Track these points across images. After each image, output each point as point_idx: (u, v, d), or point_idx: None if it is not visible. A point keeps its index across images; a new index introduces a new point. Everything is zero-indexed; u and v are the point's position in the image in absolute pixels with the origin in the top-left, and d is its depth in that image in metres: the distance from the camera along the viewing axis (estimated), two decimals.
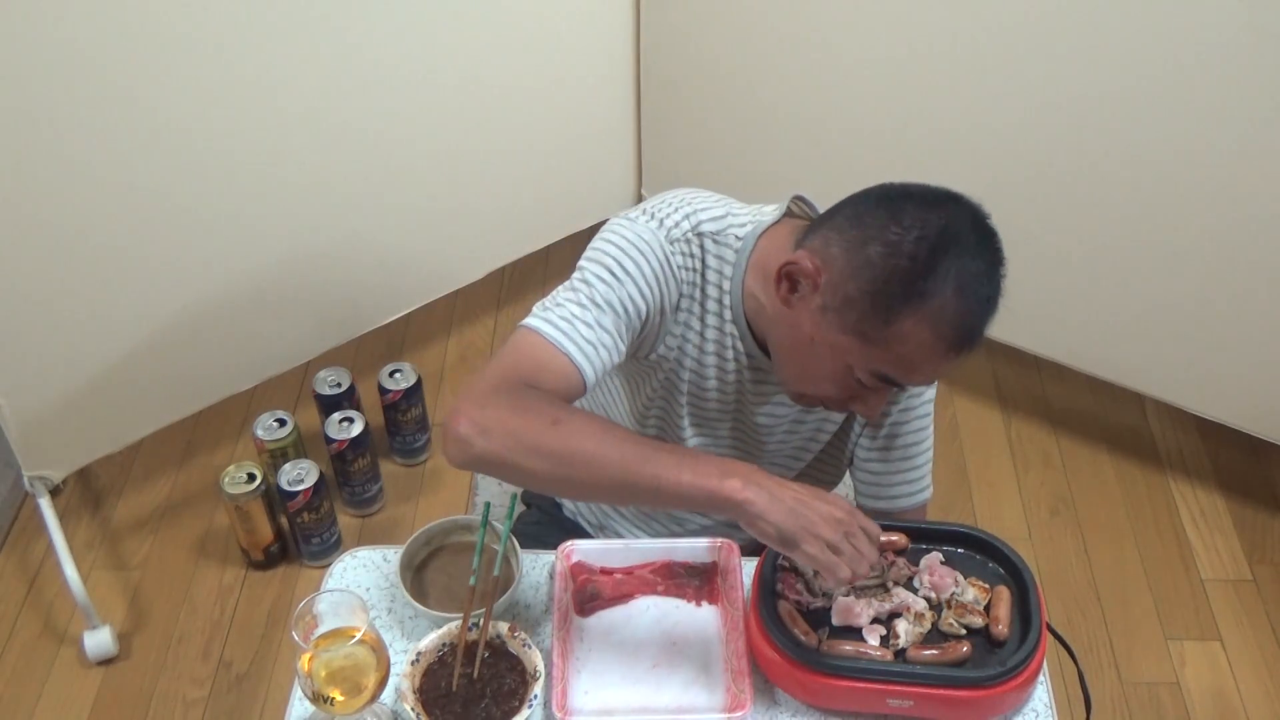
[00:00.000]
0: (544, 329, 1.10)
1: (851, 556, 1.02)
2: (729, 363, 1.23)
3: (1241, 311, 1.98)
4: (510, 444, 1.03)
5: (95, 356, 1.90)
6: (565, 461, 1.03)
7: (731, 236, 1.19)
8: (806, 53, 2.14)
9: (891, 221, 1.04)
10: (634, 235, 1.15)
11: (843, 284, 1.06)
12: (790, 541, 1.01)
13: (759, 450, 1.34)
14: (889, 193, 1.09)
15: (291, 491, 1.96)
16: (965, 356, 1.07)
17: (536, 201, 2.38)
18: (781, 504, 1.01)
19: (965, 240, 1.04)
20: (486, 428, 1.03)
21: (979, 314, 1.05)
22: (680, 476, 1.02)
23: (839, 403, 1.15)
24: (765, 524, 1.01)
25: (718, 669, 1.15)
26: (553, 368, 1.09)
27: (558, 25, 2.18)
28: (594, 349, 1.11)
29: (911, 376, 1.10)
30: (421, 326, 2.57)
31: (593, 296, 1.12)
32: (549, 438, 1.03)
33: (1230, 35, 1.74)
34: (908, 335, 1.04)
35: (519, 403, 1.05)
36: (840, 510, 1.03)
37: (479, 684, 1.10)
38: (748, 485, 1.01)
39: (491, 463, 1.05)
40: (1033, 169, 2.02)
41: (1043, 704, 1.13)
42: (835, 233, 1.08)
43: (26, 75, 1.59)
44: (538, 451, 1.03)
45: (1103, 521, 2.22)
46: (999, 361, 2.52)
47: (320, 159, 1.98)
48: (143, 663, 1.96)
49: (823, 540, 1.01)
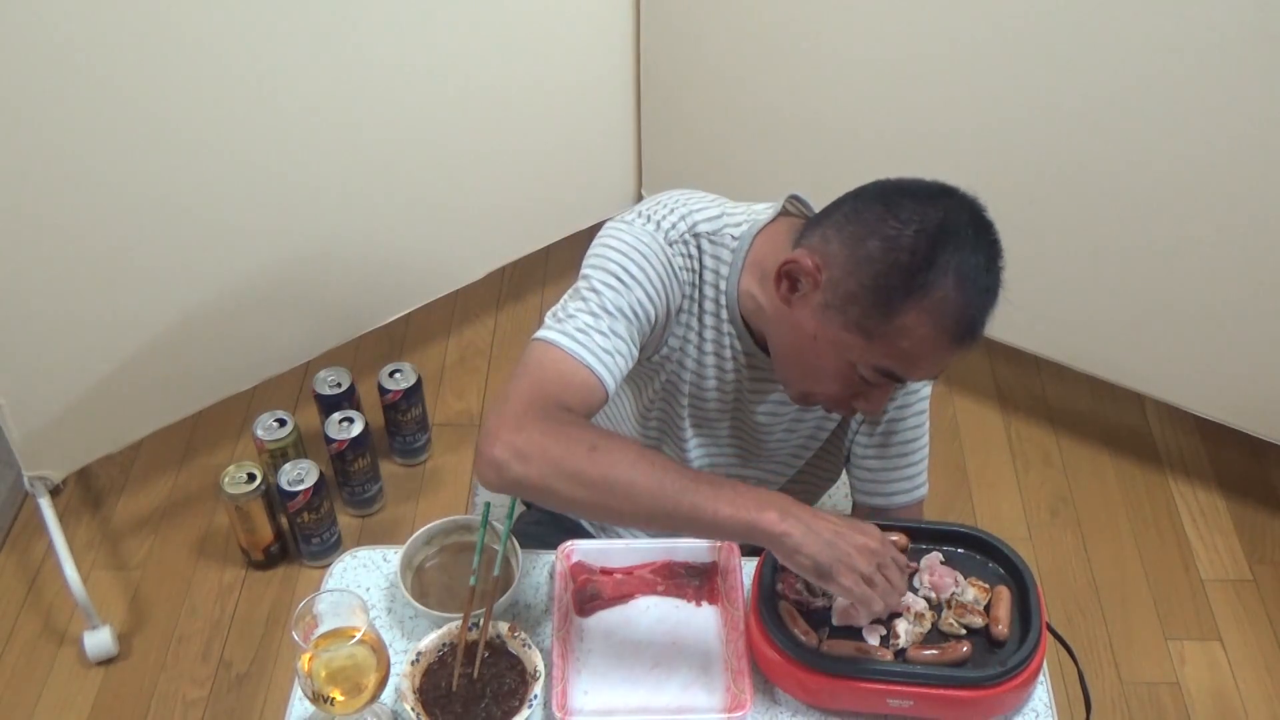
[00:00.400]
0: (561, 341, 1.10)
1: (885, 589, 1.04)
2: (727, 362, 1.23)
3: (1241, 311, 1.98)
4: (548, 470, 1.03)
5: (95, 356, 1.90)
6: (604, 490, 1.03)
7: (727, 236, 1.19)
8: (806, 53, 2.14)
9: (890, 216, 1.05)
10: (634, 239, 1.15)
11: (843, 280, 1.07)
12: (826, 574, 1.03)
13: (759, 449, 1.34)
14: (886, 188, 1.09)
15: (291, 491, 1.96)
16: (967, 349, 1.08)
17: (536, 201, 2.38)
18: (818, 536, 1.02)
19: (963, 233, 1.04)
20: (524, 453, 1.03)
21: (979, 305, 1.05)
22: (719, 508, 1.03)
23: (842, 401, 1.15)
24: (802, 556, 1.02)
25: (718, 669, 1.15)
26: (576, 381, 1.09)
27: (558, 25, 2.18)
28: (611, 357, 1.11)
29: (915, 370, 1.09)
30: (421, 326, 2.57)
31: (603, 304, 1.12)
32: (587, 465, 1.03)
33: (1230, 35, 1.74)
34: (910, 329, 1.04)
35: (554, 427, 1.04)
36: (874, 541, 1.05)
37: (479, 684, 1.10)
38: (785, 518, 1.02)
39: (528, 488, 1.05)
40: (1033, 169, 2.02)
41: (1043, 704, 1.13)
42: (834, 229, 1.09)
43: (26, 76, 1.59)
44: (577, 479, 1.03)
45: (1103, 521, 2.22)
46: (999, 361, 2.52)
47: (320, 159, 1.98)
48: (143, 663, 1.96)
49: (858, 573, 1.02)
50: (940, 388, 2.45)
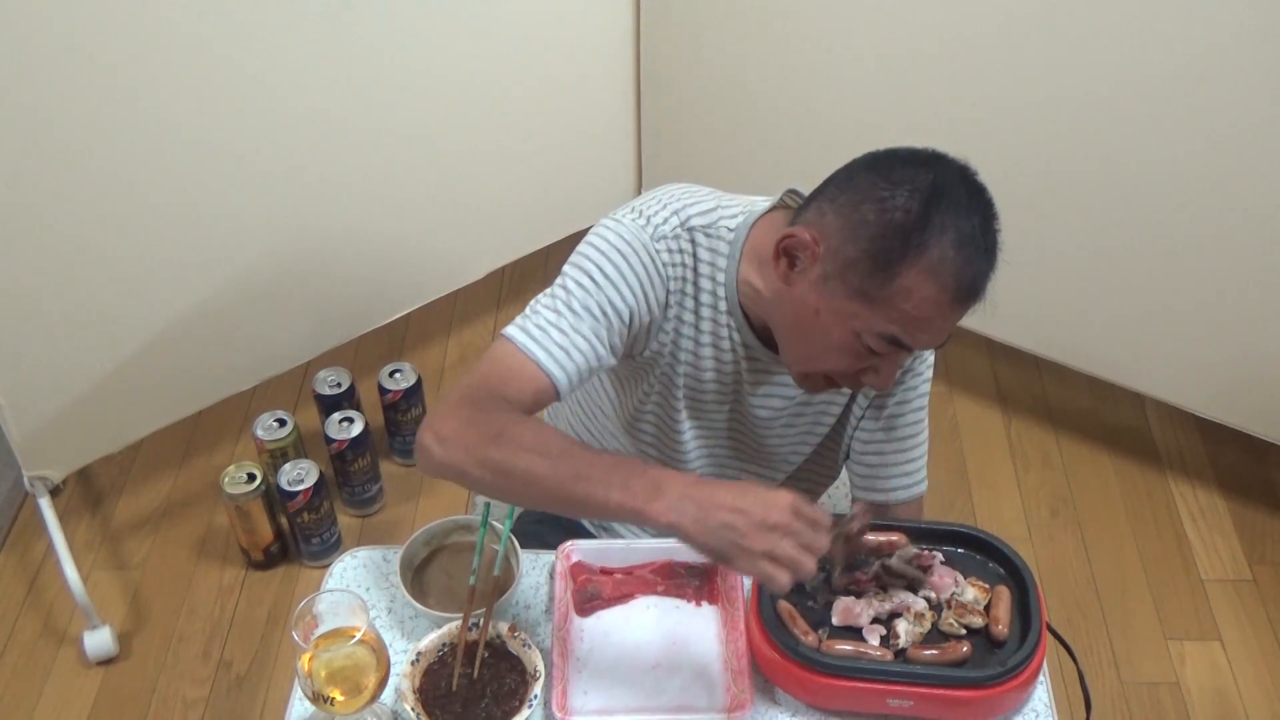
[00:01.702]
0: (517, 337, 1.13)
1: (791, 559, 0.98)
2: (725, 354, 1.24)
3: (1241, 311, 1.98)
4: (461, 455, 1.06)
5: (95, 356, 1.90)
6: (507, 476, 1.05)
7: (723, 228, 1.19)
8: (807, 52, 2.14)
9: (881, 181, 1.06)
10: (616, 237, 1.16)
11: (841, 248, 1.07)
12: (722, 560, 1.00)
13: (758, 445, 1.34)
14: (876, 156, 1.11)
15: (291, 491, 1.96)
16: (968, 308, 1.08)
17: (536, 201, 2.38)
18: (707, 522, 0.99)
19: (956, 193, 1.05)
20: (444, 438, 1.06)
21: (979, 264, 1.06)
22: (609, 496, 1.01)
23: (850, 376, 1.14)
24: (695, 545, 1.00)
25: (718, 669, 1.15)
26: (520, 375, 1.11)
27: (558, 25, 2.18)
28: (565, 354, 1.13)
29: (920, 335, 1.09)
30: (421, 326, 2.57)
31: (569, 303, 1.14)
32: (493, 451, 1.05)
33: (1230, 35, 1.74)
34: (911, 290, 1.04)
35: (476, 415, 1.07)
36: (776, 512, 0.99)
37: (479, 684, 1.10)
38: (672, 508, 0.99)
39: (448, 472, 1.08)
40: (1033, 168, 2.02)
41: (1043, 704, 1.13)
42: (827, 201, 1.10)
43: (26, 75, 1.59)
44: (485, 465, 1.05)
45: (1103, 521, 2.22)
46: (999, 361, 2.52)
47: (320, 159, 1.98)
48: (143, 663, 1.96)
49: (754, 552, 0.98)
50: (940, 388, 2.45)
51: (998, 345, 2.34)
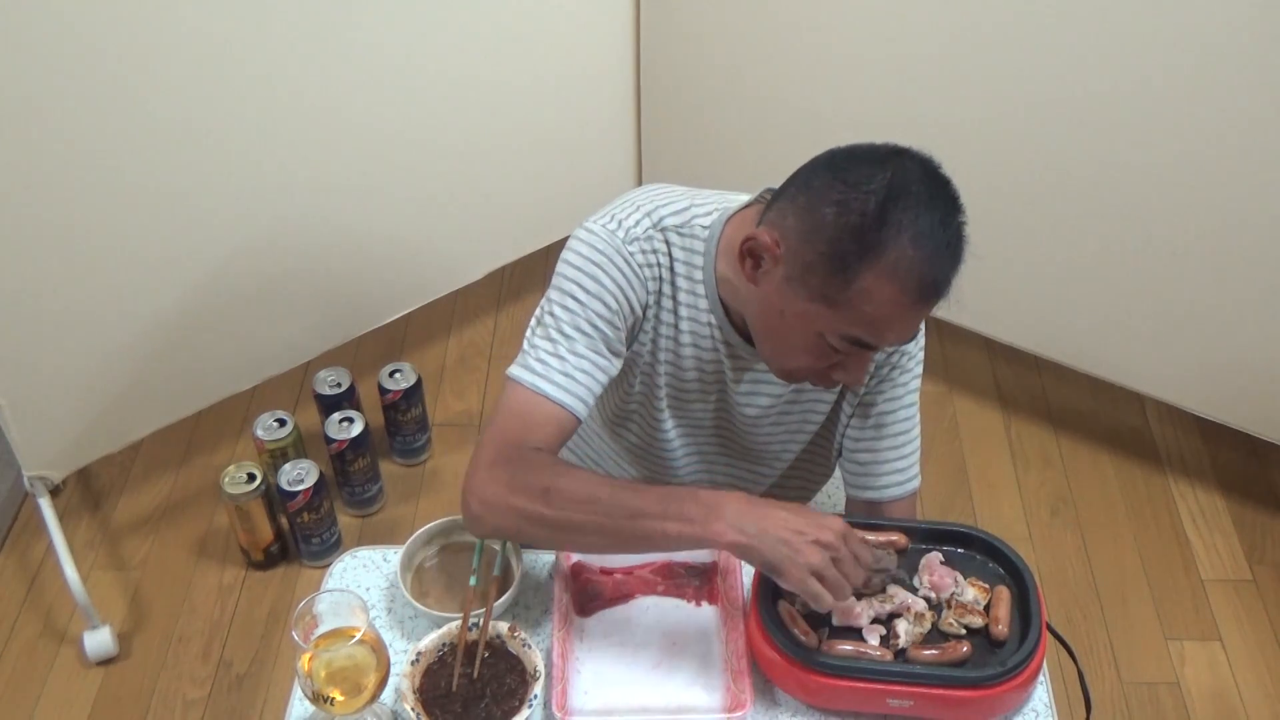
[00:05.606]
0: (524, 378, 1.16)
1: (835, 582, 1.04)
2: (706, 352, 1.24)
3: (1241, 311, 1.98)
4: (513, 519, 1.11)
5: (95, 356, 1.90)
6: (562, 529, 1.10)
7: (697, 226, 1.20)
8: (807, 51, 2.14)
9: (838, 181, 1.06)
10: (589, 248, 1.18)
11: (800, 251, 1.07)
12: (775, 570, 1.04)
13: (746, 443, 1.34)
14: (835, 155, 1.11)
15: (291, 491, 1.96)
16: (931, 307, 1.08)
17: (536, 201, 2.38)
18: (769, 536, 1.03)
19: (914, 190, 1.04)
20: (491, 505, 1.12)
21: (939, 262, 1.05)
22: (667, 528, 1.06)
23: (821, 374, 1.15)
24: (753, 557, 1.05)
25: (718, 669, 1.15)
26: (539, 418, 1.15)
27: (558, 25, 2.18)
28: (572, 379, 1.15)
29: (883, 335, 1.09)
30: (421, 326, 2.57)
31: (560, 329, 1.16)
32: (545, 510, 1.09)
33: (1231, 35, 1.74)
34: (870, 292, 1.04)
35: (514, 475, 1.11)
36: (830, 534, 1.04)
37: (479, 684, 1.10)
38: (732, 526, 1.04)
39: (505, 534, 1.17)
40: (1033, 168, 2.02)
41: (1043, 704, 1.13)
42: (788, 202, 1.10)
43: (25, 73, 1.59)
44: (540, 524, 1.10)
45: (1103, 521, 2.22)
46: (999, 361, 2.52)
47: (320, 159, 1.98)
48: (143, 663, 1.96)
49: (807, 567, 1.03)
50: (940, 388, 2.45)
51: (998, 345, 2.34)
